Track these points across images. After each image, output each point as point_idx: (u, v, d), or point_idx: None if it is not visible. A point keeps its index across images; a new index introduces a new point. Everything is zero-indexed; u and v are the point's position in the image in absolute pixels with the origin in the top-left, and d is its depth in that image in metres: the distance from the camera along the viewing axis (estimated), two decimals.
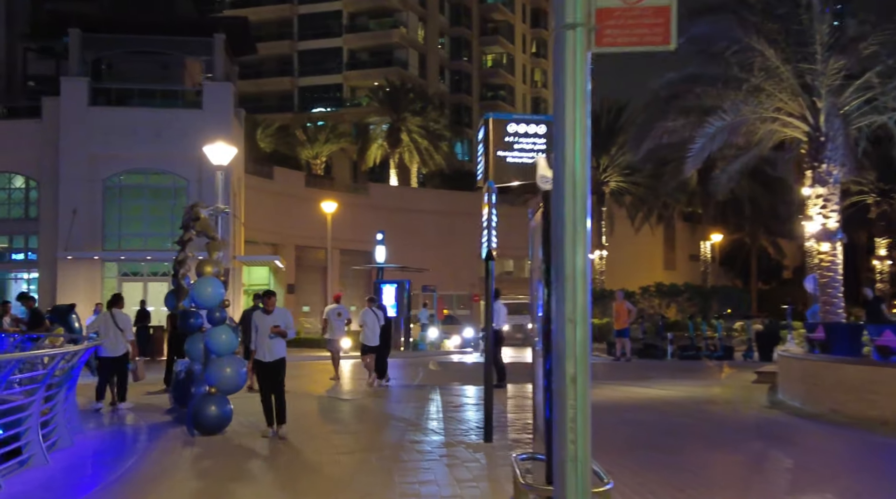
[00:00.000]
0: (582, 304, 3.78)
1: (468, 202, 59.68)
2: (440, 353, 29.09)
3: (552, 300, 3.91)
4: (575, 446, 3.80)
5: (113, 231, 34.43)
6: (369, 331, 16.85)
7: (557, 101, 3.92)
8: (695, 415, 12.19)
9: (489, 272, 9.61)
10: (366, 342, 17.04)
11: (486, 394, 9.75)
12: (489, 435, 9.68)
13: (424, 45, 75.76)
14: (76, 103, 33.45)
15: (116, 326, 13.14)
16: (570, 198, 3.84)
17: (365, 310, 17.37)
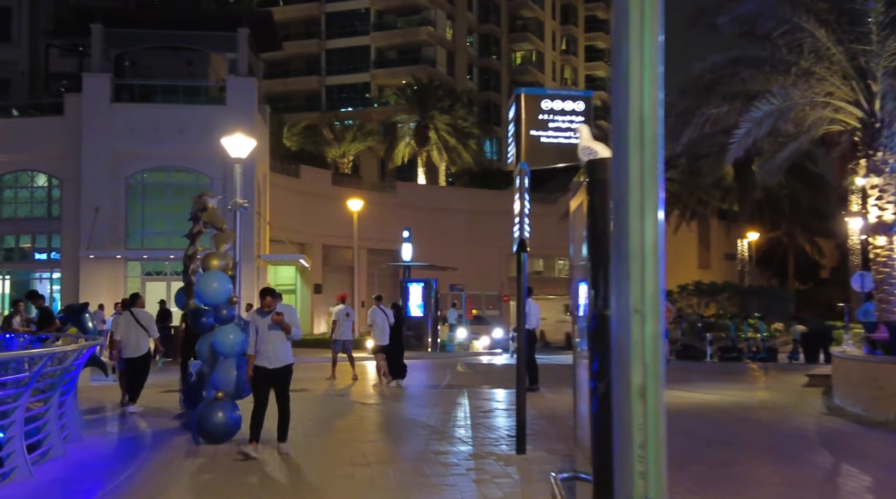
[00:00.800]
0: (653, 289, 2.82)
1: (497, 201, 58.64)
2: (469, 354, 28.14)
3: (611, 285, 2.96)
4: (645, 482, 2.83)
5: (136, 230, 33.87)
6: (379, 330, 16.51)
7: (619, 16, 2.94)
8: (748, 423, 11.12)
9: (521, 265, 8.64)
10: (377, 342, 16.76)
11: (519, 400, 8.77)
12: (522, 446, 8.71)
13: (453, 42, 74.88)
14: (98, 100, 32.92)
15: (139, 324, 12.78)
16: (636, 147, 2.85)
17: (373, 308, 16.88)
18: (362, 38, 71.71)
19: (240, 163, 18.96)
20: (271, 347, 8.94)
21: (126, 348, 12.90)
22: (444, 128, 59.36)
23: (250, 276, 33.84)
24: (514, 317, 33.84)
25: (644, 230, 2.82)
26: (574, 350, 6.51)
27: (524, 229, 8.25)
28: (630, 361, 2.80)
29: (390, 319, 16.60)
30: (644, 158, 2.85)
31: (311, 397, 14.86)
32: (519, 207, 8.27)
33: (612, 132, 2.99)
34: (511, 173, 32.90)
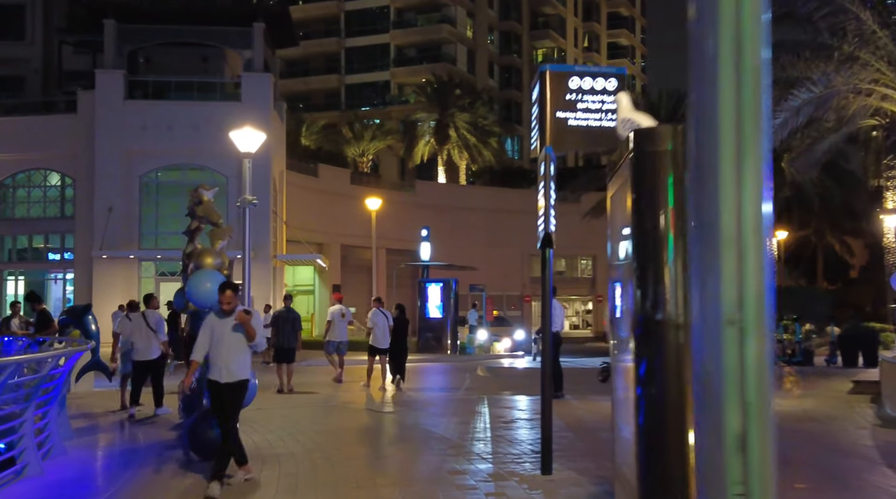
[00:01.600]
0: (756, 290, 1.88)
1: (519, 200, 57.64)
2: (489, 357, 27.19)
3: (692, 286, 2.02)
4: None
5: (150, 229, 33.21)
6: (379, 332, 16.06)
7: None
8: (797, 436, 10.11)
9: (546, 262, 7.70)
10: (375, 344, 16.23)
11: (544, 413, 7.83)
12: (548, 465, 7.77)
13: (473, 40, 73.97)
14: (111, 97, 32.30)
15: (149, 327, 12.38)
16: (729, 79, 1.93)
17: (374, 311, 16.42)
18: (382, 36, 70.99)
19: (249, 158, 18.11)
20: (225, 357, 7.36)
21: (136, 351, 12.44)
22: (464, 126, 58.43)
23: (266, 276, 33.12)
24: (536, 318, 32.90)
25: (742, 208, 1.89)
26: (613, 363, 5.63)
27: (550, 223, 7.32)
28: (722, 396, 1.86)
29: (390, 322, 16.22)
30: (742, 95, 1.91)
31: (318, 404, 14.00)
32: (544, 197, 7.33)
33: (692, 62, 2.06)
34: (533, 170, 31.91)
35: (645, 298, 3.86)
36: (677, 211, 3.84)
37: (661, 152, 3.85)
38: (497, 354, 27.73)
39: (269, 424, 11.36)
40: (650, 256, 3.88)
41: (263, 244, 33.06)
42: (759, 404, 1.79)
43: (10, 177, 33.99)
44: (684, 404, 3.78)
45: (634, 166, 4.12)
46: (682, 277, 3.84)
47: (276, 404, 13.94)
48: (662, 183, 3.85)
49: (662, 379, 3.78)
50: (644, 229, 3.98)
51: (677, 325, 3.84)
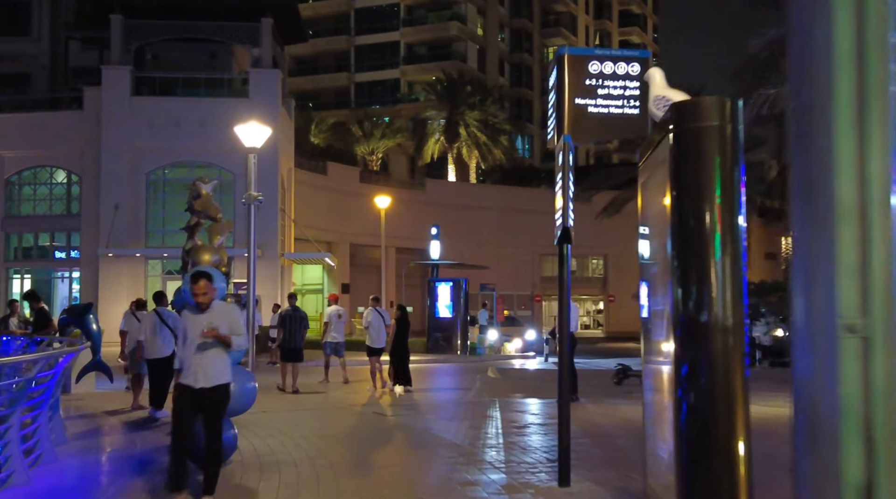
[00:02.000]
0: (884, 285, 1.38)
1: (530, 198, 57.14)
2: (500, 357, 26.68)
3: (793, 281, 1.52)
4: None
5: (156, 227, 32.86)
6: (374, 332, 15.84)
7: None
8: None
9: (564, 259, 7.20)
10: (371, 345, 15.94)
11: (562, 421, 7.32)
12: (565, 476, 7.27)
13: (483, 37, 73.48)
14: (118, 93, 31.95)
15: (166, 325, 12.04)
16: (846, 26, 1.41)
17: (369, 310, 16.29)
18: (391, 33, 70.60)
19: (255, 153, 17.72)
20: (200, 358, 6.47)
21: (149, 349, 12.17)
22: (474, 124, 57.95)
23: (274, 275, 32.72)
24: (548, 318, 32.35)
25: (868, 177, 1.38)
26: (644, 367, 5.14)
27: (568, 217, 6.82)
28: (838, 430, 1.37)
29: (387, 322, 15.95)
30: (868, 47, 1.40)
31: (323, 406, 13.53)
32: (562, 190, 6.83)
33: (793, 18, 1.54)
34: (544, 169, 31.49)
35: (687, 298, 3.37)
36: (725, 199, 3.34)
37: (708, 128, 3.34)
38: (508, 355, 27.23)
39: (271, 427, 10.90)
40: (694, 251, 3.39)
41: (271, 242, 32.65)
42: (890, 443, 1.29)
43: (17, 174, 33.68)
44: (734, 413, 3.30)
45: (675, 147, 3.59)
46: (730, 273, 3.35)
47: (279, 406, 13.48)
48: (708, 166, 3.34)
49: (708, 386, 3.29)
50: (686, 220, 3.47)
51: (725, 328, 3.34)
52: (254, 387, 8.75)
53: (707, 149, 3.37)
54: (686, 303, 3.37)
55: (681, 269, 3.44)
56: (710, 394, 3.34)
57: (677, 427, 3.44)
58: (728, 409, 3.34)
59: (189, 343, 6.51)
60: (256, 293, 31.47)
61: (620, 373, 16.63)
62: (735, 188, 3.40)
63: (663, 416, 3.78)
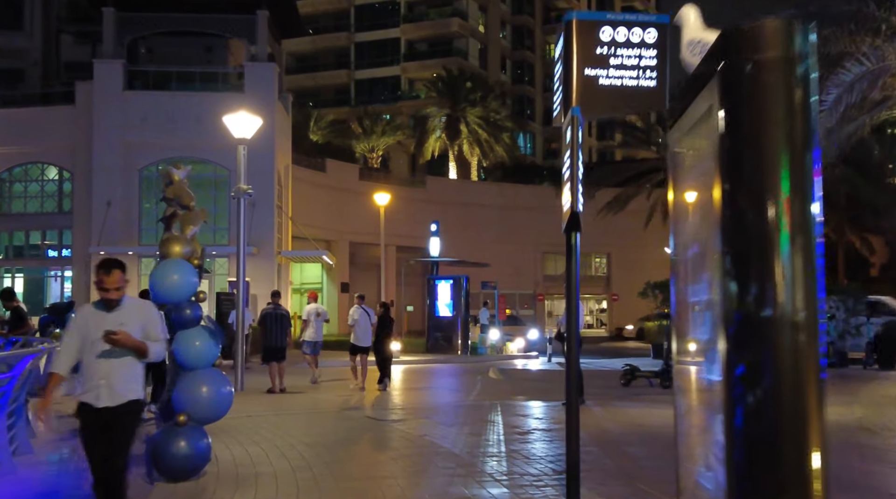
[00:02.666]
0: None
1: (532, 196, 56.36)
2: (502, 358, 25.92)
3: None
4: None
5: (150, 224, 32.04)
6: (360, 331, 15.57)
7: None
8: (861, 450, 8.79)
9: (573, 249, 6.42)
10: (357, 343, 15.68)
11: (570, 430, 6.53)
12: (575, 492, 6.48)
13: (485, 34, 72.73)
14: (110, 87, 31.18)
15: None
16: None
17: (355, 308, 15.94)
18: (392, 30, 69.85)
19: (244, 144, 16.99)
20: (105, 369, 5.04)
21: None
22: (475, 121, 57.19)
23: (270, 273, 31.98)
24: (551, 318, 31.52)
25: None
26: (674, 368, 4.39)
27: (577, 199, 6.04)
28: None
29: (372, 320, 15.74)
30: None
31: (313, 410, 12.76)
32: (571, 169, 6.06)
33: None
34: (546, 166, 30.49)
35: (745, 292, 2.59)
36: (796, 164, 2.53)
37: (773, 61, 2.51)
38: (510, 355, 26.46)
39: (255, 434, 10.14)
40: (753, 232, 2.61)
41: (267, 240, 31.91)
42: None
43: (7, 171, 32.93)
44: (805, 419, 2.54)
45: (726, 88, 2.74)
46: (801, 261, 2.58)
47: (265, 409, 12.73)
48: (773, 113, 2.52)
49: (773, 388, 2.52)
50: (741, 193, 2.66)
51: (795, 323, 2.58)
52: (229, 392, 7.98)
53: (772, 88, 2.54)
54: (743, 297, 2.60)
55: (735, 255, 2.67)
56: (775, 398, 2.57)
57: (731, 438, 2.67)
58: (799, 415, 2.58)
59: (89, 348, 5.03)
60: (252, 292, 30.82)
61: (628, 374, 15.86)
62: (807, 145, 2.61)
63: (704, 426, 3.02)
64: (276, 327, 15.47)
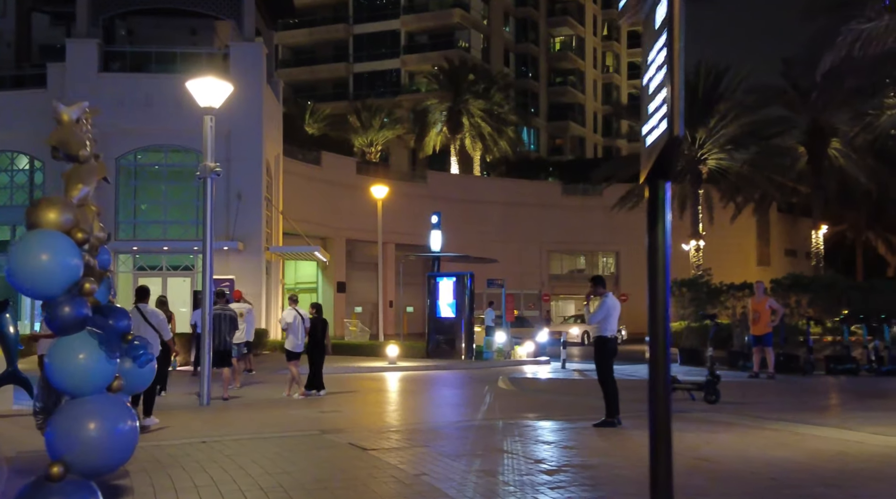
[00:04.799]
0: None
1: (537, 193, 53.97)
2: (510, 363, 23.45)
3: None
4: None
5: (127, 218, 29.69)
6: (293, 335, 14.67)
7: None
8: None
9: (661, 204, 3.94)
10: (291, 348, 14.77)
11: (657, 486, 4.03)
12: None
13: (488, 26, 70.40)
14: (84, 69, 28.81)
15: (148, 323, 11.06)
16: None
17: (287, 310, 14.96)
18: (392, 21, 67.59)
19: (211, 114, 14.58)
20: None
21: None
22: (478, 114, 54.77)
23: (257, 270, 29.57)
24: (555, 318, 28.80)
25: None
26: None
27: (679, 119, 3.56)
28: None
29: (306, 323, 14.70)
30: None
31: (286, 431, 10.28)
32: (669, 59, 3.57)
33: None
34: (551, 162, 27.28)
35: None
36: None
37: None
38: (519, 360, 23.99)
39: (204, 468, 7.72)
40: None
41: (254, 234, 29.48)
42: None
43: None
44: None
45: None
46: None
47: (226, 431, 10.30)
48: None
49: None
50: None
51: None
52: (130, 430, 5.50)
53: None
54: None
55: None
56: None
57: None
58: None
59: None
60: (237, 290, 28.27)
61: None
62: None
63: None
64: (225, 329, 14.42)
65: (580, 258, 58.94)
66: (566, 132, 77.72)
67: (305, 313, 14.94)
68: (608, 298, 10.64)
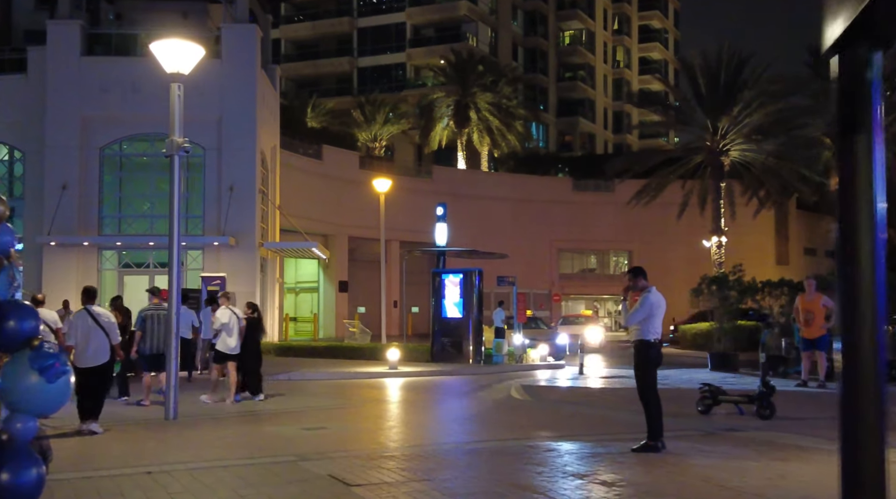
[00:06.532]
0: None
1: (547, 189, 51.97)
2: (522, 368, 21.48)
3: None
4: None
5: (112, 211, 27.82)
6: (228, 335, 13.58)
7: None
8: None
9: (864, 97, 1.95)
10: (225, 350, 13.58)
11: None
12: None
13: (495, 19, 68.47)
14: (66, 52, 26.97)
15: (100, 326, 10.58)
16: None
17: (221, 309, 13.87)
18: (397, 14, 65.74)
19: (178, 81, 12.66)
20: None
21: (80, 356, 10.47)
22: (486, 107, 52.79)
23: (251, 267, 27.67)
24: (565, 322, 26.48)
25: None
26: None
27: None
28: None
29: (241, 323, 13.69)
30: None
31: (251, 456, 8.34)
32: None
33: None
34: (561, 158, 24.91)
35: None
36: None
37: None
38: (531, 365, 22.01)
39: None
40: None
41: (248, 230, 27.57)
42: None
43: None
44: None
45: None
46: None
47: (184, 457, 8.37)
48: None
49: None
50: None
51: None
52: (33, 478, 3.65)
53: None
54: None
55: None
56: None
57: None
58: None
59: None
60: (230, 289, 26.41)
61: (707, 397, 11.42)
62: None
63: None
64: (158, 330, 13.18)
65: (591, 257, 57.00)
66: (576, 128, 75.74)
67: (240, 313, 14.04)
68: (651, 294, 8.68)
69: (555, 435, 9.77)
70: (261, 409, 12.93)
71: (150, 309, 13.57)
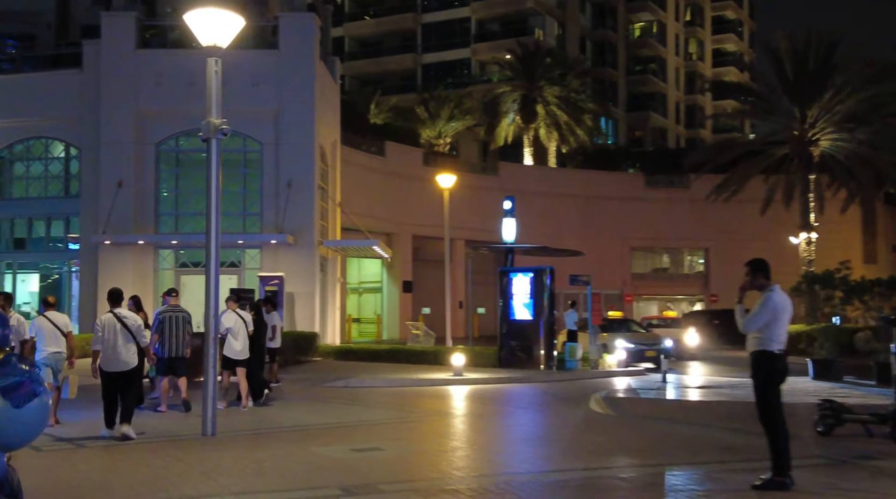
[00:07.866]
0: None
1: (618, 185, 49.89)
2: (598, 374, 19.76)
3: None
4: None
5: (168, 209, 26.98)
6: (234, 340, 12.88)
7: None
8: None
9: None
10: (232, 355, 12.87)
11: None
12: None
13: (563, 12, 66.57)
14: (120, 45, 26.21)
15: (128, 330, 10.18)
16: None
17: (226, 312, 12.86)
18: (462, 9, 64.41)
19: (216, 58, 11.36)
20: None
21: (107, 361, 10.11)
22: (553, 101, 50.96)
23: (310, 266, 26.51)
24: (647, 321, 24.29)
25: None
26: None
27: None
28: None
29: (249, 327, 13.15)
30: None
31: (295, 494, 6.92)
32: None
33: None
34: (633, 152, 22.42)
35: None
36: None
37: None
38: (608, 371, 20.26)
39: None
40: None
41: (306, 227, 26.41)
42: None
43: (7, 148, 28.21)
44: None
45: None
46: None
47: (205, 490, 6.97)
48: None
49: None
50: None
51: None
52: None
53: None
54: None
55: None
56: None
57: None
58: None
59: None
60: (288, 289, 25.25)
61: (829, 416, 9.63)
62: None
63: None
64: (177, 332, 12.51)
65: (664, 256, 54.71)
66: (646, 123, 73.29)
67: (248, 316, 13.42)
68: (775, 294, 6.99)
69: (650, 462, 8.12)
70: (311, 423, 11.57)
71: (167, 310, 12.78)
